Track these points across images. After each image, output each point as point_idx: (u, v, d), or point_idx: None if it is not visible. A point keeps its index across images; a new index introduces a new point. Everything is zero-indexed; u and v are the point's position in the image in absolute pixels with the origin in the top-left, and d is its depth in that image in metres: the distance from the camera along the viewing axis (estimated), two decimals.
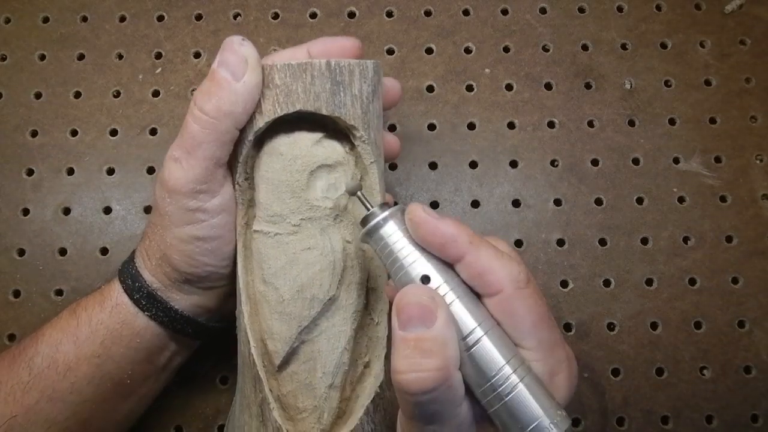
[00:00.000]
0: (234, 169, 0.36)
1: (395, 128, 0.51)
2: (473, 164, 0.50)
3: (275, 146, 0.36)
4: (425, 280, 0.30)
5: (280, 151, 0.35)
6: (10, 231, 0.49)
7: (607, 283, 0.48)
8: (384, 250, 0.31)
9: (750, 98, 0.51)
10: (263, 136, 0.36)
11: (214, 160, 0.34)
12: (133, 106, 0.51)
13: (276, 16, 0.53)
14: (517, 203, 0.50)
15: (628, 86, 0.52)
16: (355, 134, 0.36)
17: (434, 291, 0.29)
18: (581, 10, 0.53)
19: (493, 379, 0.28)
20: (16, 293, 0.48)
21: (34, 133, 0.51)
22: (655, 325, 0.48)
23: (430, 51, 0.52)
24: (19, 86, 0.52)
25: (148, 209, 0.50)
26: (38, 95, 0.52)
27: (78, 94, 0.52)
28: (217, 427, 0.46)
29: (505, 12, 0.53)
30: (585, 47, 0.52)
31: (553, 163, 0.50)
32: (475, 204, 0.50)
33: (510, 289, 0.29)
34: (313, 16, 0.53)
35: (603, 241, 0.49)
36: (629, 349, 0.47)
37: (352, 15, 0.53)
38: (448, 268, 0.30)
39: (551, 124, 0.51)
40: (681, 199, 0.50)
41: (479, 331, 0.29)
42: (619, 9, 0.53)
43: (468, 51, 0.52)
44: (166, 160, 0.35)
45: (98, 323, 0.37)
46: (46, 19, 0.53)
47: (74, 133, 0.51)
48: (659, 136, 0.51)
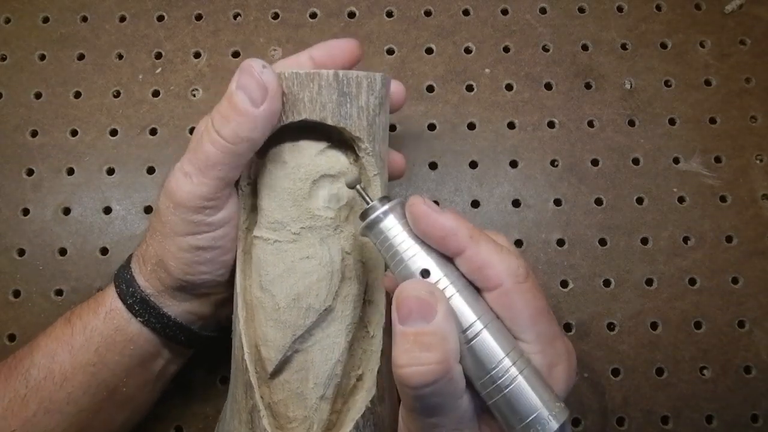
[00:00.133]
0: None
1: (395, 128, 0.51)
2: (473, 164, 0.50)
3: (279, 154, 0.36)
4: (425, 273, 0.30)
5: (284, 159, 0.35)
6: (10, 231, 0.49)
7: (607, 283, 0.48)
8: (384, 244, 0.31)
9: (750, 98, 0.51)
10: (268, 143, 0.36)
11: (225, 180, 0.34)
12: (133, 106, 0.51)
13: (276, 16, 0.53)
14: (517, 203, 0.50)
15: (628, 86, 0.52)
16: (359, 146, 0.36)
17: (433, 285, 0.29)
18: (581, 10, 0.53)
19: (493, 372, 0.28)
20: (16, 293, 0.48)
21: (34, 133, 0.51)
22: (655, 325, 0.48)
23: (430, 51, 0.52)
24: (19, 86, 0.52)
25: (148, 209, 0.50)
26: (38, 95, 0.52)
27: (78, 94, 0.52)
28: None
29: (505, 12, 0.53)
30: (585, 47, 0.52)
31: (553, 163, 0.50)
32: (475, 204, 0.50)
33: (509, 284, 0.29)
34: (313, 16, 0.53)
35: (603, 241, 0.49)
36: (629, 349, 0.47)
37: (352, 15, 0.53)
38: (448, 261, 0.30)
39: (551, 124, 0.51)
40: (681, 199, 0.50)
41: (479, 325, 0.29)
42: (619, 9, 0.53)
43: (468, 51, 0.52)
44: (175, 171, 0.34)
45: (92, 330, 0.37)
46: (46, 19, 0.53)
47: (74, 133, 0.51)
48: (659, 136, 0.51)
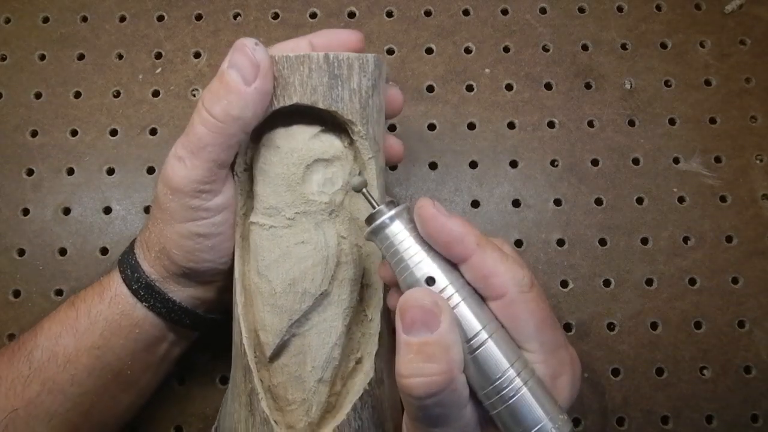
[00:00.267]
0: (234, 160, 0.36)
1: (395, 128, 0.51)
2: (473, 164, 0.50)
3: (272, 139, 0.36)
4: (430, 281, 0.29)
5: (277, 143, 0.35)
6: (10, 231, 0.49)
7: (607, 283, 0.48)
8: (389, 250, 0.31)
9: (750, 98, 0.51)
10: (261, 128, 0.36)
11: (218, 162, 0.34)
12: (133, 106, 0.51)
13: (276, 16, 0.53)
14: (517, 203, 0.50)
15: (628, 86, 0.52)
16: (353, 129, 0.35)
17: (438, 295, 0.29)
18: (581, 10, 0.53)
19: (497, 382, 0.28)
20: (16, 293, 0.48)
21: (34, 133, 0.51)
22: (655, 325, 0.48)
23: (430, 51, 0.52)
24: (19, 86, 0.52)
25: (148, 209, 0.49)
26: (38, 95, 0.52)
27: (78, 94, 0.52)
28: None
29: (505, 12, 0.53)
30: (585, 47, 0.52)
31: (553, 163, 0.50)
32: (475, 204, 0.50)
33: (514, 293, 0.29)
34: (313, 16, 0.53)
35: (603, 241, 0.49)
36: (629, 349, 0.47)
37: (352, 15, 0.53)
38: (454, 269, 0.30)
39: (551, 124, 0.51)
40: (681, 199, 0.50)
41: (484, 334, 0.28)
42: (619, 9, 0.53)
43: (468, 51, 0.52)
44: (170, 157, 0.34)
45: (97, 314, 0.37)
46: (46, 19, 0.53)
47: (74, 133, 0.51)
48: (659, 136, 0.51)
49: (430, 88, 0.52)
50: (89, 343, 0.37)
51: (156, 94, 0.52)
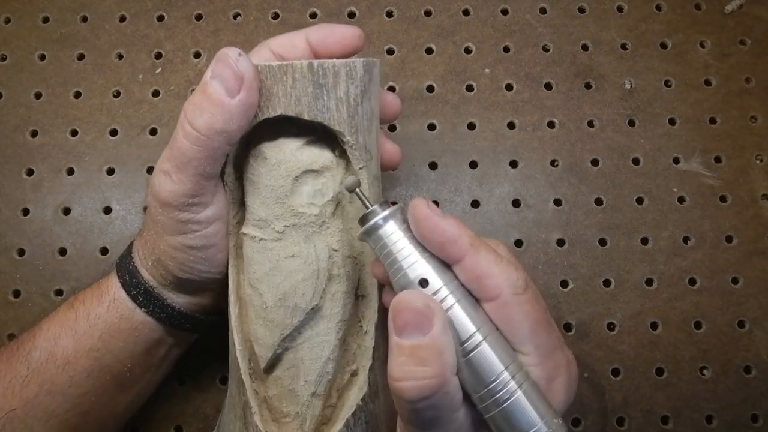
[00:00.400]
0: (223, 170, 0.35)
1: (395, 128, 0.51)
2: (473, 164, 0.50)
3: (260, 149, 0.34)
4: (424, 282, 0.29)
5: (265, 154, 0.34)
6: (10, 231, 0.49)
7: (607, 283, 0.48)
8: (383, 250, 0.30)
9: (750, 98, 0.51)
10: (249, 138, 0.35)
11: (205, 175, 0.33)
12: (133, 106, 0.51)
13: (276, 16, 0.53)
14: (517, 203, 0.50)
15: (628, 86, 0.52)
16: (342, 139, 0.34)
17: (430, 297, 0.29)
18: (581, 10, 0.53)
19: (491, 385, 0.28)
20: (16, 293, 0.48)
21: (34, 133, 0.51)
22: (655, 325, 0.48)
23: (430, 51, 0.52)
24: (19, 86, 0.52)
25: None
26: (38, 95, 0.52)
27: (78, 94, 0.52)
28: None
29: (505, 12, 0.53)
30: (585, 47, 0.52)
31: (553, 163, 0.50)
32: (475, 204, 0.50)
33: (507, 295, 0.29)
34: (313, 16, 0.53)
35: (603, 241, 0.49)
36: (629, 349, 0.47)
37: (352, 15, 0.53)
38: (448, 270, 0.30)
39: (551, 124, 0.51)
40: (681, 199, 0.50)
41: (478, 336, 0.28)
42: (619, 9, 0.53)
43: (468, 51, 0.52)
44: (156, 170, 0.34)
45: (96, 317, 0.37)
46: (46, 19, 0.53)
47: (74, 133, 0.51)
48: (659, 136, 0.51)
49: (430, 88, 0.52)
50: (88, 346, 0.37)
51: (156, 94, 0.52)
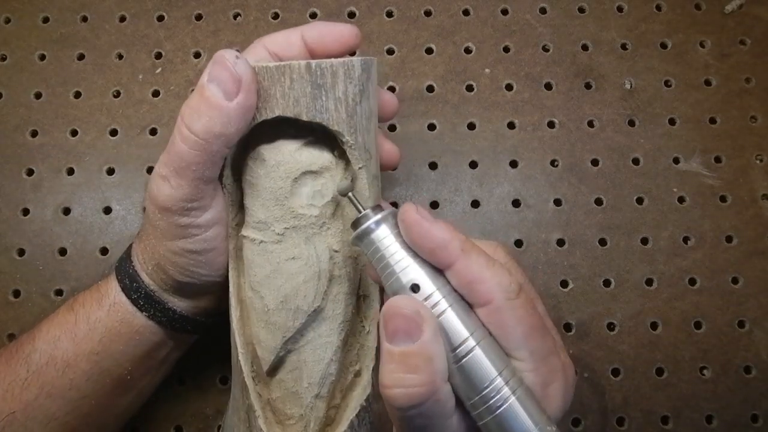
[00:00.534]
0: (221, 173, 0.35)
1: (395, 128, 0.51)
2: (473, 164, 0.50)
3: (258, 151, 0.34)
4: (416, 288, 0.29)
5: (263, 156, 0.34)
6: (10, 231, 0.49)
7: (607, 283, 0.48)
8: (375, 255, 0.30)
9: (750, 98, 0.51)
10: (247, 139, 0.34)
11: (204, 179, 0.32)
12: (133, 106, 0.51)
13: (276, 16, 0.53)
14: (517, 203, 0.50)
15: (628, 86, 0.52)
16: (341, 139, 0.34)
17: (421, 303, 0.28)
18: (581, 10, 0.53)
19: (484, 392, 0.27)
20: (16, 293, 0.48)
21: (34, 133, 0.51)
22: (655, 325, 0.48)
23: (430, 51, 0.52)
24: (19, 86, 0.52)
25: None
26: (38, 95, 0.52)
27: (78, 94, 0.52)
28: (217, 427, 0.46)
29: (505, 12, 0.53)
30: (585, 47, 0.52)
31: (553, 163, 0.50)
32: (475, 204, 0.50)
33: (500, 300, 0.28)
34: (313, 16, 0.53)
35: (603, 241, 0.49)
36: (629, 349, 0.47)
37: (352, 15, 0.53)
38: (441, 275, 0.29)
39: (551, 124, 0.51)
40: (681, 199, 0.50)
41: (471, 342, 0.28)
42: (619, 9, 0.53)
43: (468, 51, 0.52)
44: (154, 175, 0.33)
45: (96, 321, 0.37)
46: (46, 19, 0.53)
47: (74, 133, 0.51)
48: (659, 136, 0.51)
49: (430, 88, 0.52)
50: (88, 349, 0.37)
51: (156, 94, 0.52)
